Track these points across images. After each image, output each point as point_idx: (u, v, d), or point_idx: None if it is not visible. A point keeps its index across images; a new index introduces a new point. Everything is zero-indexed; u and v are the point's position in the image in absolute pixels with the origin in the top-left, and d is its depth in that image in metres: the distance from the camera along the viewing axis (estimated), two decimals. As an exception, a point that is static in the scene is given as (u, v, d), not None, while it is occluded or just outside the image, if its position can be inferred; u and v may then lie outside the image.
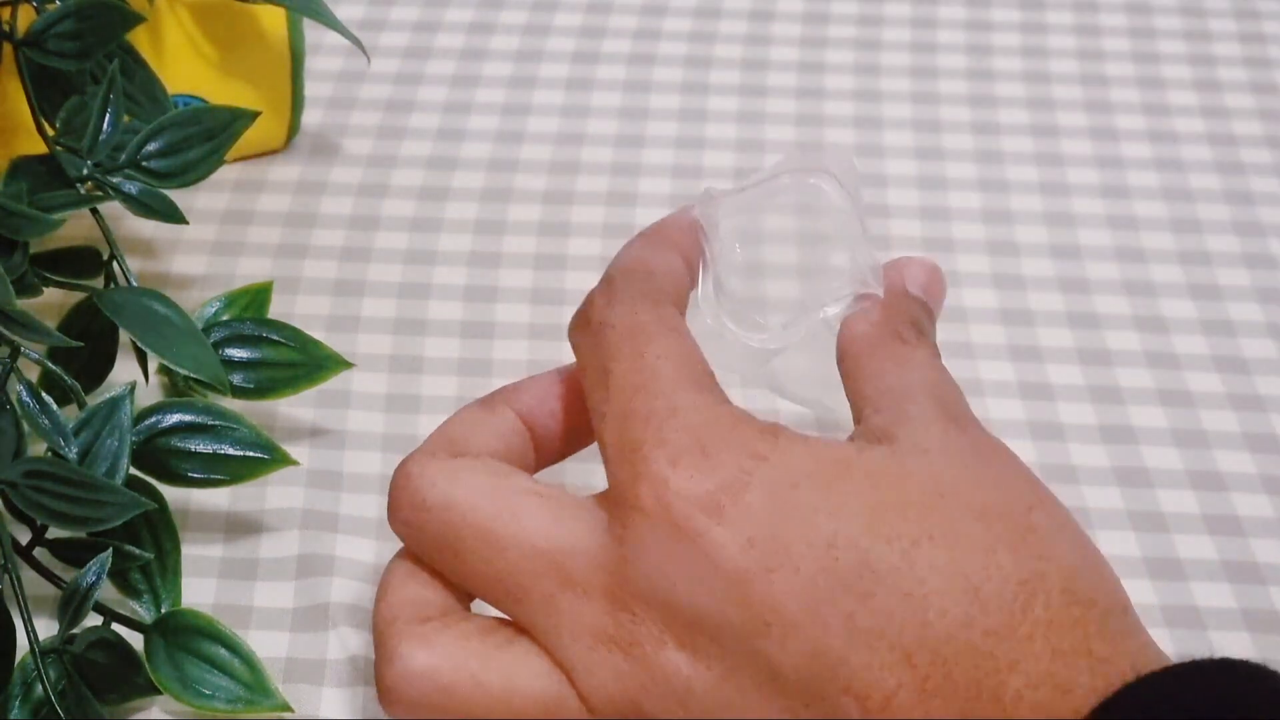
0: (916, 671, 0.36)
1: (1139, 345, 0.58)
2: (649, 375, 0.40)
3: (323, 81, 0.69)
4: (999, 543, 0.38)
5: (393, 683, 0.40)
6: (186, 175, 0.50)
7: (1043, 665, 0.36)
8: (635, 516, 0.39)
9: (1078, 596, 0.37)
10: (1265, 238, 0.63)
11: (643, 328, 0.41)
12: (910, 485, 0.39)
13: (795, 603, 0.37)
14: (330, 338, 0.53)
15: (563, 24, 0.73)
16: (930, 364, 0.43)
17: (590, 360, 0.42)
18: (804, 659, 0.37)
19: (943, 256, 0.61)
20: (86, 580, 0.44)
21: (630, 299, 0.42)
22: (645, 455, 0.39)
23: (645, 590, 0.39)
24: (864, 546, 0.37)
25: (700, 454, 0.39)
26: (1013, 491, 0.40)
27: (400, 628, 0.41)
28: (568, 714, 0.40)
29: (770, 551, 0.38)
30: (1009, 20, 0.74)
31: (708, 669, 0.38)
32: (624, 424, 0.40)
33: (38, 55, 0.50)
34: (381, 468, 0.53)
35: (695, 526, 0.38)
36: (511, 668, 0.40)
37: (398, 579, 0.42)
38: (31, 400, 0.46)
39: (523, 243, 0.62)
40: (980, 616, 0.37)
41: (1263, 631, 0.49)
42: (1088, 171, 0.66)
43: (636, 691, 0.39)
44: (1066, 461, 0.54)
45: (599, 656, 0.39)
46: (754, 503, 0.38)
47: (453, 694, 0.40)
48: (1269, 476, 0.54)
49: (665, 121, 0.68)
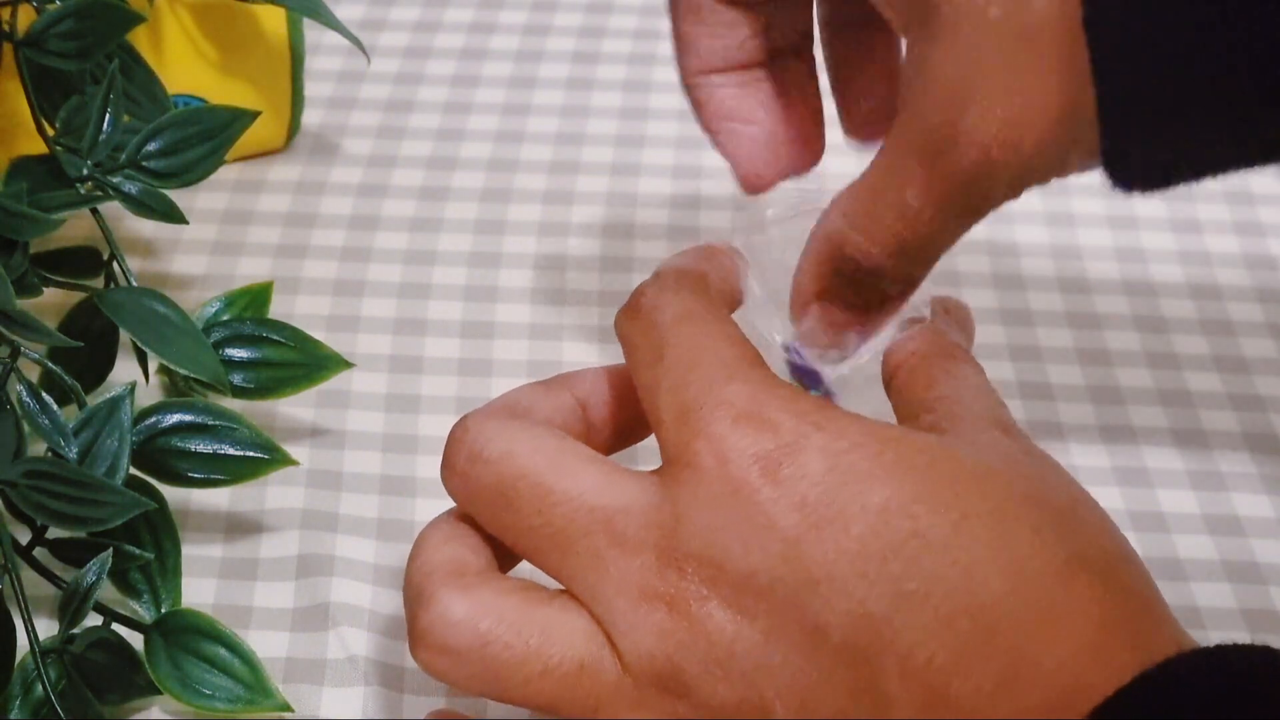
0: (958, 636, 0.37)
1: (1139, 345, 0.58)
2: (705, 351, 0.41)
3: (323, 81, 0.69)
4: (1045, 526, 0.38)
5: (429, 627, 0.40)
6: (186, 175, 0.50)
7: (1085, 637, 0.36)
8: (691, 474, 0.39)
9: (1120, 581, 0.38)
10: (1265, 238, 0.63)
11: (694, 313, 0.42)
12: (960, 467, 0.39)
13: (844, 562, 0.38)
14: (330, 338, 0.53)
15: (563, 24, 0.73)
16: (981, 380, 0.44)
17: (642, 344, 0.43)
18: (850, 619, 0.37)
19: (943, 256, 0.61)
20: (86, 580, 0.44)
21: (680, 289, 0.43)
22: (704, 416, 0.40)
23: (697, 547, 0.39)
24: (915, 514, 0.38)
25: (759, 416, 0.39)
26: (1059, 486, 0.41)
27: (440, 578, 0.41)
28: (603, 674, 0.40)
29: (824, 512, 0.38)
30: (1009, 20, 0.74)
31: (752, 627, 0.38)
32: (681, 391, 0.41)
33: (38, 55, 0.50)
34: (381, 468, 0.53)
35: (752, 484, 0.39)
36: (550, 622, 0.40)
37: (436, 540, 0.42)
38: (31, 400, 0.46)
39: (523, 243, 0.62)
40: (1024, 589, 0.37)
41: (1263, 631, 0.49)
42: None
43: (676, 650, 0.39)
44: (1067, 462, 0.53)
45: (642, 614, 0.39)
46: (810, 464, 0.39)
47: (489, 644, 0.40)
48: (1269, 476, 0.54)
49: (665, 121, 0.68)
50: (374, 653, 0.47)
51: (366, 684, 0.46)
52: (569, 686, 0.40)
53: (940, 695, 0.36)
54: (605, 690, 0.40)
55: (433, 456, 0.53)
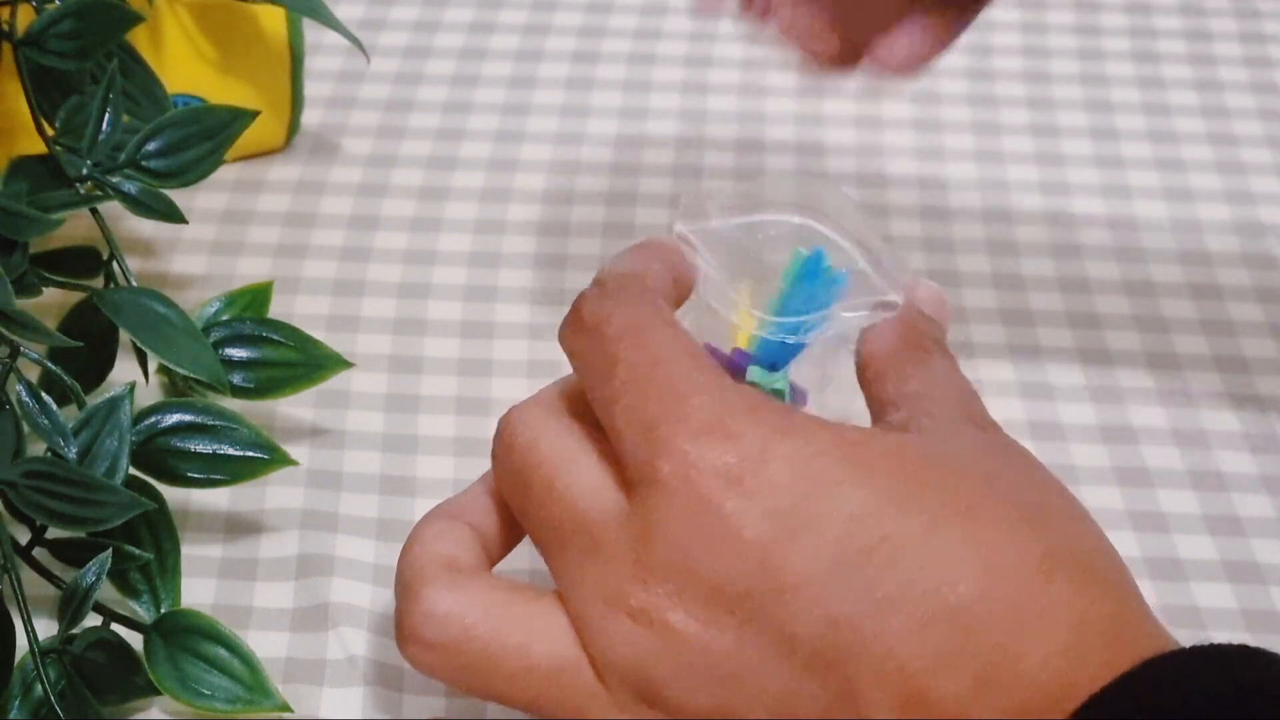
0: (934, 640, 0.36)
1: (1139, 345, 0.58)
2: (658, 363, 0.41)
3: (323, 81, 0.69)
4: (1020, 521, 0.38)
5: (416, 621, 0.41)
6: (186, 175, 0.50)
7: (1062, 636, 0.36)
8: (657, 491, 0.39)
9: (1097, 577, 0.38)
10: (1265, 238, 0.63)
11: (642, 322, 0.42)
12: (931, 466, 0.39)
13: (815, 569, 0.38)
14: (330, 338, 0.53)
15: (563, 24, 0.73)
16: (952, 372, 0.44)
17: (590, 358, 0.42)
18: (821, 626, 0.37)
19: (943, 256, 0.61)
20: (86, 580, 0.44)
21: (624, 297, 0.43)
22: (664, 433, 0.39)
23: (665, 562, 0.39)
24: (885, 517, 0.38)
25: (721, 429, 0.39)
26: (1032, 481, 0.40)
27: (431, 572, 0.41)
28: (580, 678, 0.40)
29: (792, 520, 0.38)
30: (1009, 20, 0.74)
31: (722, 637, 0.38)
32: (639, 407, 0.40)
33: (37, 55, 0.50)
34: (381, 468, 0.53)
35: (716, 498, 0.38)
36: (533, 622, 0.40)
37: (428, 535, 0.43)
38: (31, 400, 0.46)
39: (523, 243, 0.62)
40: (999, 589, 0.37)
41: (1263, 631, 0.49)
42: (1088, 171, 0.66)
43: (646, 659, 0.39)
44: (1067, 461, 0.54)
45: (612, 623, 0.39)
46: (776, 474, 0.39)
47: (472, 639, 0.40)
48: (1269, 476, 0.54)
49: (665, 121, 0.68)
50: (374, 653, 0.47)
51: (366, 684, 0.46)
52: (550, 686, 0.40)
53: (918, 699, 0.36)
54: (584, 694, 0.40)
55: (432, 456, 0.53)
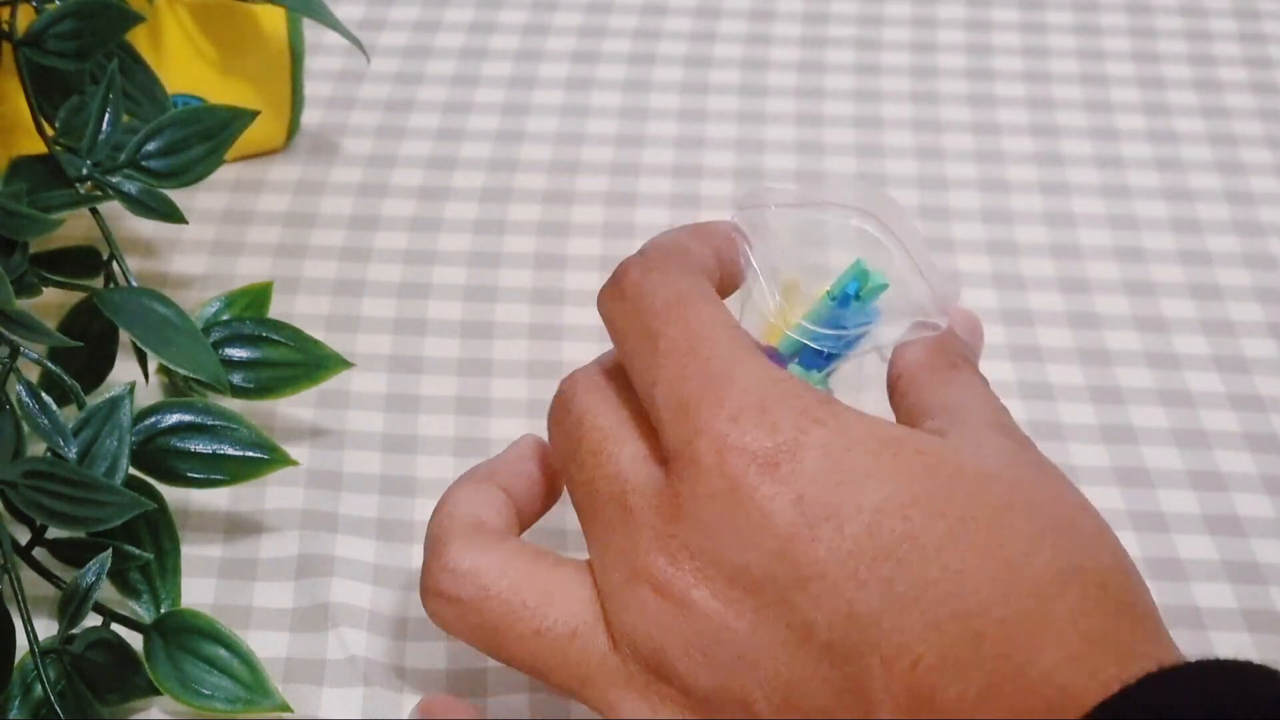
0: (946, 641, 0.37)
1: (1139, 345, 0.58)
2: (700, 339, 0.41)
3: (323, 81, 0.69)
4: (1041, 535, 0.38)
5: (438, 576, 0.41)
6: (186, 175, 0.50)
7: (1072, 648, 0.36)
8: (691, 469, 0.39)
9: (1112, 594, 0.38)
10: (1265, 238, 0.63)
11: (684, 295, 0.42)
12: (960, 470, 0.39)
13: (836, 562, 0.38)
14: (330, 338, 0.53)
15: (563, 24, 0.73)
16: (984, 388, 0.44)
17: (629, 327, 0.42)
18: (838, 618, 0.37)
19: (943, 257, 0.61)
20: (86, 580, 0.44)
21: (668, 269, 0.43)
22: (703, 413, 0.40)
23: (692, 539, 0.39)
24: (909, 516, 0.38)
25: (759, 413, 0.39)
26: (1059, 496, 0.40)
27: (457, 530, 0.42)
28: (594, 644, 0.40)
29: (819, 510, 0.38)
30: (1009, 20, 0.74)
31: (739, 620, 0.39)
32: (679, 385, 0.40)
33: (37, 55, 0.50)
34: (381, 468, 0.53)
35: (750, 482, 0.39)
36: (553, 586, 0.41)
37: (462, 496, 0.43)
38: (31, 400, 0.46)
39: (523, 243, 0.62)
40: (1016, 597, 0.37)
41: (1263, 631, 0.49)
42: (1088, 171, 0.66)
43: (660, 632, 0.39)
44: (1066, 461, 0.54)
45: (632, 592, 0.40)
46: (809, 463, 0.39)
47: (490, 598, 0.41)
48: (1269, 476, 0.54)
49: (665, 121, 0.68)
50: (374, 653, 0.47)
51: (366, 684, 0.46)
52: (559, 651, 0.41)
53: (925, 699, 0.36)
54: (594, 661, 0.40)
55: (432, 456, 0.53)
